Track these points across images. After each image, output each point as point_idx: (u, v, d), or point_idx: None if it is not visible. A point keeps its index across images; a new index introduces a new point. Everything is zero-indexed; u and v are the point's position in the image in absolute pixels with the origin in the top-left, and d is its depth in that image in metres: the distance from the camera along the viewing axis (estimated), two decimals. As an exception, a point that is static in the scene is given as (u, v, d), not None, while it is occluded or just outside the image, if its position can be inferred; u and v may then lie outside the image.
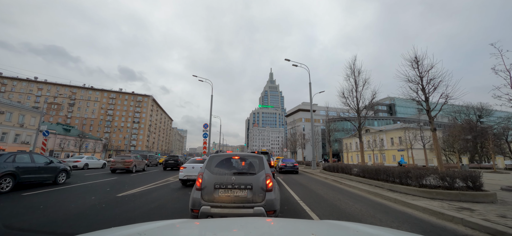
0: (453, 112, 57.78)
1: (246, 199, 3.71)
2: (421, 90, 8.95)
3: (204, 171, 4.03)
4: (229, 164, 4.29)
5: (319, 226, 1.86)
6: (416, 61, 8.95)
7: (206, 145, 21.43)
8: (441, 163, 8.40)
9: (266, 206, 3.66)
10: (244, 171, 4.12)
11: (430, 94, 8.74)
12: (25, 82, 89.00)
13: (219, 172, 4.00)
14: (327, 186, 10.57)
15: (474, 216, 4.78)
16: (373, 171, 10.51)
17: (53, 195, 7.41)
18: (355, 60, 14.75)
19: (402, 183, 8.36)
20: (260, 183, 3.85)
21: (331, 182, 12.54)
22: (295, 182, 12.37)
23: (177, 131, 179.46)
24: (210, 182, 3.85)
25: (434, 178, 7.39)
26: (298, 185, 11.05)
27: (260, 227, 1.64)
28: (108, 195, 7.46)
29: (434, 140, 8.86)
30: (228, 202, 3.69)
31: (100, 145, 64.64)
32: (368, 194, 8.27)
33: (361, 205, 6.45)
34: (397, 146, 44.33)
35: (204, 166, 4.19)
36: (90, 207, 5.72)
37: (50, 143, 49.33)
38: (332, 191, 9.10)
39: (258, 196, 3.75)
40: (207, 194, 3.76)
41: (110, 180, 11.75)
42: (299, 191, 8.97)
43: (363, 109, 14.31)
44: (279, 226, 1.74)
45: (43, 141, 20.67)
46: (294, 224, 1.89)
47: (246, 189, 3.77)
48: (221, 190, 3.78)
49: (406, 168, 8.46)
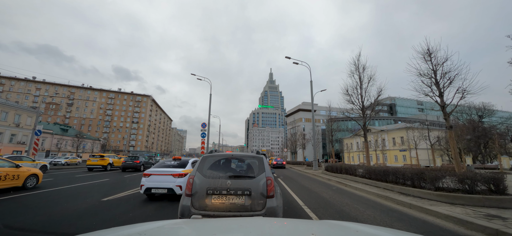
0: (454, 113, 57.28)
1: (243, 207, 3.21)
2: (435, 84, 8.26)
3: (195, 174, 3.49)
4: (224, 165, 3.73)
5: (319, 226, 1.82)
6: (429, 54, 8.28)
7: (204, 145, 20.73)
8: (458, 164, 7.71)
9: (267, 215, 3.15)
10: (242, 173, 3.62)
11: (445, 89, 8.06)
12: (23, 82, 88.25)
13: (212, 175, 3.47)
14: (331, 189, 9.89)
15: (510, 226, 4.10)
16: (381, 172, 9.82)
17: (7, 204, 6.05)
18: (359, 56, 14.07)
19: (415, 185, 7.67)
20: (260, 187, 3.31)
21: (335, 183, 11.86)
22: (298, 184, 11.69)
23: (176, 131, 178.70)
24: (202, 186, 3.32)
25: (452, 180, 6.70)
26: (300, 187, 10.37)
27: (260, 227, 1.60)
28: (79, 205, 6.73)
29: (450, 138, 8.17)
30: (223, 210, 3.21)
31: (98, 145, 63.89)
32: (378, 198, 7.59)
33: (373, 211, 5.77)
34: (399, 146, 43.67)
35: (195, 168, 3.65)
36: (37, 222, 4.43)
37: (47, 143, 48.63)
38: (338, 194, 8.42)
39: (258, 203, 3.24)
40: (198, 201, 3.26)
41: (89, 184, 10.81)
42: (302, 194, 8.29)
43: (369, 106, 13.62)
44: (279, 226, 1.73)
45: (35, 140, 19.94)
46: (294, 224, 1.90)
47: (244, 195, 3.26)
48: (214, 196, 3.26)
49: (419, 168, 7.76)
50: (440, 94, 8.22)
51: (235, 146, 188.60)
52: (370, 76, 13.41)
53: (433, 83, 8.41)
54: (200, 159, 3.80)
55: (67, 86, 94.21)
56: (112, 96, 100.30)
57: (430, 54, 8.33)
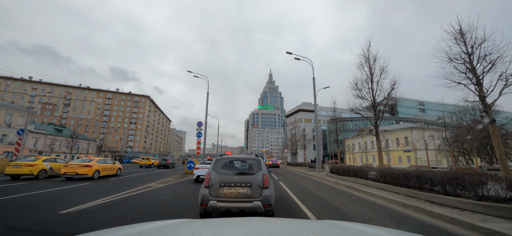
0: (458, 113, 56.00)
1: (246, 195, 4.17)
2: (471, 70, 6.91)
3: (211, 172, 4.47)
4: (231, 165, 4.82)
5: (319, 225, 1.81)
6: (461, 34, 6.92)
7: (200, 145, 19.38)
8: (506, 167, 6.36)
9: (263, 201, 4.12)
10: (245, 171, 4.57)
11: (484, 75, 6.72)
12: (19, 82, 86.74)
13: (223, 172, 4.47)
14: (343, 195, 8.55)
15: None
16: (400, 176, 8.49)
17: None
18: (369, 46, 12.63)
19: (448, 192, 6.34)
20: (258, 181, 4.30)
21: (344, 188, 10.52)
22: (302, 189, 10.34)
23: (175, 132, 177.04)
24: (216, 181, 4.29)
25: (501, 187, 5.37)
26: (306, 193, 9.02)
27: (260, 226, 1.59)
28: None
29: (493, 135, 6.77)
30: (231, 197, 4.17)
31: (94, 146, 62.36)
32: (404, 208, 6.25)
33: (410, 228, 4.45)
34: (403, 146, 42.38)
35: (210, 167, 4.61)
36: None
37: (40, 144, 47.17)
38: (354, 203, 7.07)
39: (256, 192, 4.19)
40: (214, 191, 4.22)
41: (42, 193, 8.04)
42: (311, 203, 6.94)
43: (382, 102, 12.27)
44: (279, 225, 1.71)
45: (18, 140, 18.55)
46: (294, 223, 1.88)
47: (246, 186, 4.23)
48: (225, 188, 4.23)
49: (454, 172, 6.44)
50: (478, 81, 6.87)
51: (234, 147, 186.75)
52: (382, 68, 12.06)
53: (467, 69, 7.06)
54: (214, 160, 4.82)
55: (64, 86, 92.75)
56: (110, 97, 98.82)
57: (463, 35, 6.99)
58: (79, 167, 11.99)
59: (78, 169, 11.87)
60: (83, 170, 11.90)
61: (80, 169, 11.88)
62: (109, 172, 14.22)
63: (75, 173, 11.78)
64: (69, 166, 12.12)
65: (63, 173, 11.85)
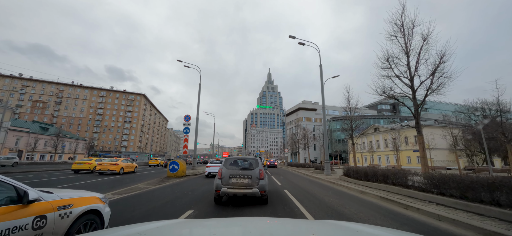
0: (466, 111, 53.43)
1: (247, 184, 6.14)
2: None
3: (222, 168, 6.46)
4: (237, 163, 6.89)
5: (319, 226, 1.75)
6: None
7: (187, 143, 16.33)
8: None
9: (259, 188, 6.06)
10: (246, 167, 6.59)
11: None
12: (8, 79, 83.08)
13: (231, 168, 6.50)
14: (392, 217, 5.55)
15: None
16: (477, 185, 5.51)
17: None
18: (404, 9, 9.24)
19: None
20: (256, 174, 6.26)
21: (378, 201, 7.52)
22: (320, 203, 7.32)
23: (173, 132, 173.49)
24: (226, 173, 6.27)
25: None
26: (325, 209, 6.01)
27: (260, 226, 1.58)
28: None
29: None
30: (237, 185, 6.13)
31: (82, 145, 58.83)
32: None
33: None
34: (412, 146, 39.59)
35: (222, 164, 6.67)
36: None
37: (22, 143, 43.85)
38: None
39: (255, 182, 6.15)
40: (225, 181, 6.18)
41: None
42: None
43: (427, 80, 9.01)
44: (279, 225, 1.70)
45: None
46: (294, 223, 1.90)
47: (248, 178, 6.19)
48: (233, 179, 6.20)
49: None
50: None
51: (232, 147, 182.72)
52: (424, 36, 8.92)
53: None
54: (224, 160, 6.96)
55: (55, 83, 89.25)
56: (104, 95, 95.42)
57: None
58: (110, 165, 16.18)
59: (109, 166, 16.10)
60: (113, 167, 16.16)
61: (111, 167, 16.11)
62: (130, 169, 18.40)
63: (107, 169, 16.00)
64: (102, 164, 16.30)
65: (98, 169, 16.15)
